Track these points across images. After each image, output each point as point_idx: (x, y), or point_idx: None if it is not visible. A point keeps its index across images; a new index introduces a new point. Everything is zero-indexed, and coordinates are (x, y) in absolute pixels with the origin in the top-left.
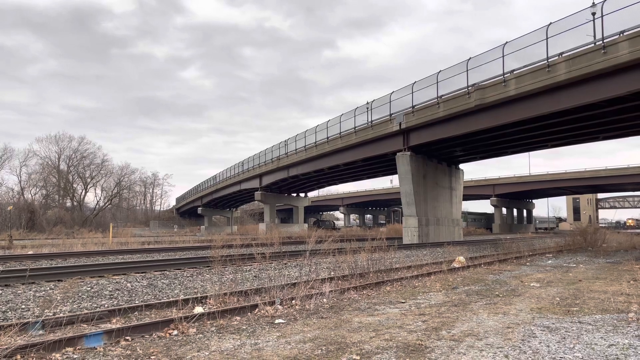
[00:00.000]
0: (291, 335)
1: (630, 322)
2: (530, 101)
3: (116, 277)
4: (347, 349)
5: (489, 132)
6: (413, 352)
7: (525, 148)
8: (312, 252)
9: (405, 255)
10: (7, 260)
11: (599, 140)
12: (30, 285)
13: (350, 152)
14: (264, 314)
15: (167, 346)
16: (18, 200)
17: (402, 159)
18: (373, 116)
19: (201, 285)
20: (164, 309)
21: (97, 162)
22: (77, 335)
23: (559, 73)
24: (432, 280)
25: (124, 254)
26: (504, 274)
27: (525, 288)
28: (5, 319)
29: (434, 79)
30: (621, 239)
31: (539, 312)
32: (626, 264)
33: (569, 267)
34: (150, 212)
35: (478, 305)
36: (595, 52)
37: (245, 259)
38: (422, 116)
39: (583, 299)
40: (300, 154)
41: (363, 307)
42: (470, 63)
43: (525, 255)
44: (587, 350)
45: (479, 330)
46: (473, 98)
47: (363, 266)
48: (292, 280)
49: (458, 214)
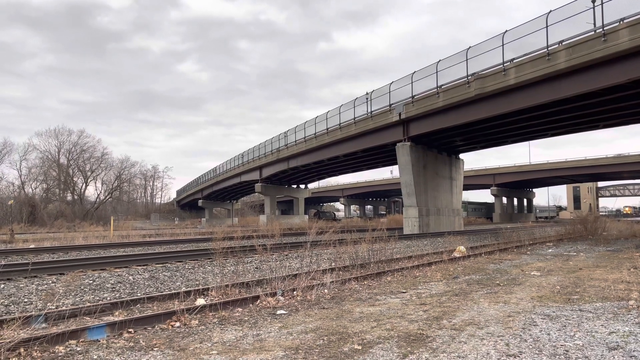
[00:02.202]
0: (293, 326)
1: (630, 309)
2: (530, 90)
3: (118, 270)
4: (348, 339)
5: (489, 122)
6: (414, 342)
7: (526, 137)
8: (313, 244)
9: (405, 246)
10: (8, 254)
11: (599, 128)
12: (33, 279)
13: (350, 143)
14: (265, 305)
15: (170, 338)
16: (19, 195)
17: (402, 150)
18: (372, 107)
19: (203, 277)
20: (166, 301)
21: (97, 156)
22: (80, 328)
23: (559, 61)
24: (432, 270)
25: (125, 246)
26: (504, 263)
27: (525, 277)
28: (8, 313)
29: (433, 69)
30: (621, 227)
31: (540, 300)
32: (626, 252)
33: (570, 256)
34: (151, 205)
35: (479, 294)
36: (595, 39)
37: (247, 250)
38: (422, 106)
39: (583, 287)
40: (299, 146)
41: (364, 298)
42: (469, 52)
43: (526, 244)
44: (587, 338)
45: (480, 319)
46: (473, 87)
47: (364, 257)
48: (294, 272)
49: (458, 203)
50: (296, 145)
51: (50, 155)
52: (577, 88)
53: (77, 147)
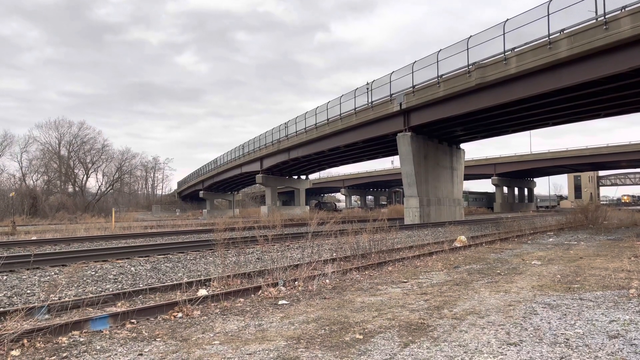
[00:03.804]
0: (294, 316)
1: (631, 298)
2: (531, 79)
3: (120, 262)
4: (350, 329)
5: (490, 111)
6: (415, 331)
7: (527, 127)
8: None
9: (406, 236)
10: (10, 246)
11: (600, 117)
12: (35, 271)
13: (350, 134)
14: (267, 295)
15: (172, 328)
16: (20, 187)
17: (403, 140)
18: (373, 97)
19: (204, 268)
20: (168, 292)
21: (97, 147)
22: (83, 319)
23: (560, 50)
24: (433, 260)
25: (127, 238)
26: (505, 253)
27: (526, 266)
28: (11, 304)
29: (434, 59)
30: (622, 216)
31: (540, 289)
32: (627, 240)
33: (570, 245)
34: (152, 197)
35: (480, 283)
36: (596, 28)
37: (248, 241)
38: (423, 96)
39: (584, 276)
40: (300, 136)
41: (365, 288)
42: (470, 42)
43: (527, 234)
44: (588, 327)
45: (480, 308)
46: (474, 77)
47: (365, 247)
48: (295, 262)
49: (459, 193)
50: (297, 136)
51: (50, 147)
52: (578, 77)
53: (78, 138)
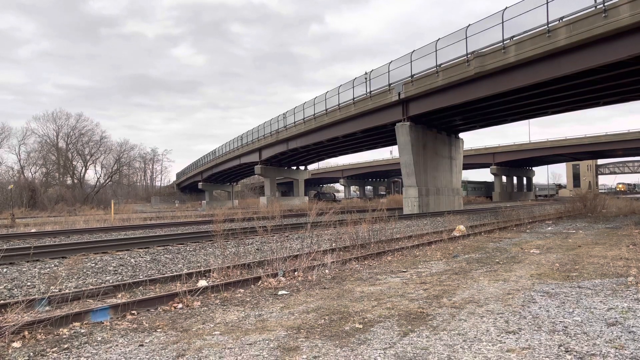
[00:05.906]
0: (294, 306)
1: (629, 285)
2: (530, 68)
3: (120, 253)
4: (349, 318)
5: (489, 100)
6: (415, 320)
7: (525, 115)
8: (314, 224)
9: (405, 225)
10: (10, 238)
11: (599, 105)
12: (35, 263)
13: (349, 124)
14: (267, 285)
15: (173, 319)
16: (18, 179)
17: (402, 129)
18: (372, 87)
19: (204, 259)
20: (168, 283)
21: (95, 139)
22: (83, 311)
23: (559, 38)
24: (432, 249)
25: (126, 230)
26: (504, 242)
27: (525, 255)
28: (11, 296)
29: (432, 48)
30: (621, 205)
31: (539, 278)
32: (625, 229)
33: (569, 234)
34: (151, 188)
35: (478, 272)
36: (596, 15)
37: (247, 232)
38: (421, 85)
39: (582, 264)
40: (299, 127)
41: (365, 277)
42: (469, 30)
43: (525, 223)
44: (586, 314)
45: (479, 297)
46: (472, 66)
47: (364, 237)
48: (294, 253)
49: (458, 183)
50: (295, 127)
51: (48, 139)
52: (577, 65)
53: (76, 130)
